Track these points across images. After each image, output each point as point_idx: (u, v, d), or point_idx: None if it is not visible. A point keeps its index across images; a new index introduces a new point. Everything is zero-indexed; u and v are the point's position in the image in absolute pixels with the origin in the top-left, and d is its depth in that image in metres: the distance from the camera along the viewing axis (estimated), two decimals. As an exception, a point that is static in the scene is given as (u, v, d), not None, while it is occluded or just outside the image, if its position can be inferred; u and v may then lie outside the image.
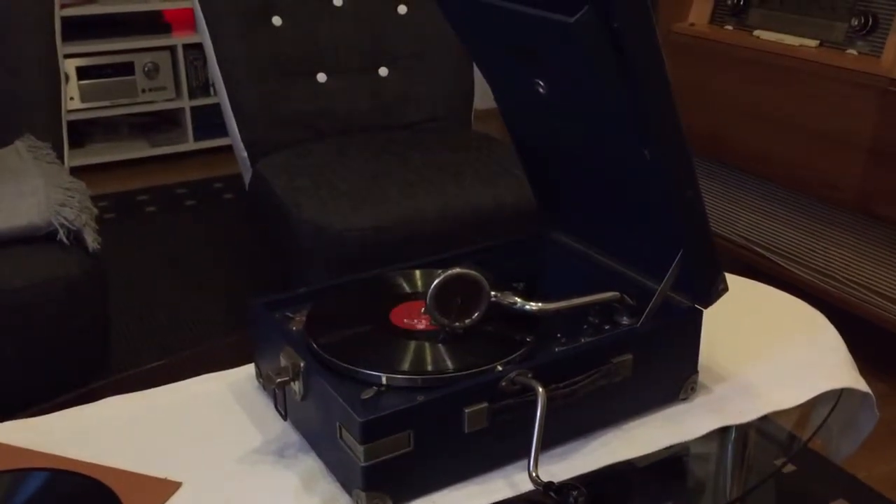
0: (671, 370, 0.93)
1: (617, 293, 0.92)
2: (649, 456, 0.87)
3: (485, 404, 0.80)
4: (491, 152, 1.79)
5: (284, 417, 0.87)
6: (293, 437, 0.89)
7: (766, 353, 1.04)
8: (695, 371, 0.95)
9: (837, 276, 1.96)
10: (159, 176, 3.20)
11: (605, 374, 0.86)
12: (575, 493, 0.71)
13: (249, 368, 1.00)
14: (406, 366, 0.83)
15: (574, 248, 1.07)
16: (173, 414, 0.94)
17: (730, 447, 0.94)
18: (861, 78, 1.74)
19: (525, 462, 0.84)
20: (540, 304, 0.89)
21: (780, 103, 1.94)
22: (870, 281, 1.89)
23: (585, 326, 0.91)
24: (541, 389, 0.79)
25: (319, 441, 0.85)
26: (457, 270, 0.85)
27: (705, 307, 0.93)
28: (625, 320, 0.93)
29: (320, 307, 0.94)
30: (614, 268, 1.01)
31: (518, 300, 0.89)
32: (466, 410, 0.79)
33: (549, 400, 0.80)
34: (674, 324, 0.91)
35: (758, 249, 2.16)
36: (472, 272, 0.86)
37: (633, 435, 0.89)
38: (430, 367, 0.83)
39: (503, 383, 0.81)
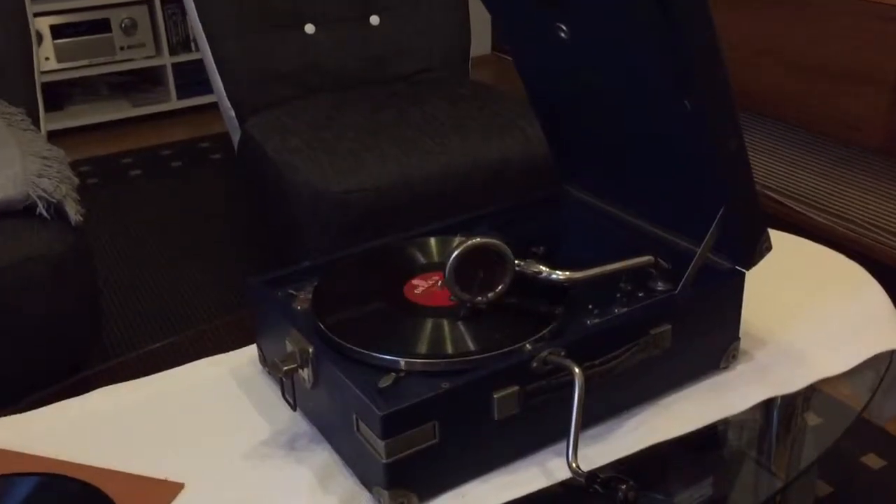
0: (712, 338, 0.86)
1: (651, 257, 0.85)
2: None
3: (515, 388, 0.73)
4: (492, 103, 1.70)
5: (294, 408, 0.80)
6: (304, 426, 0.82)
7: (809, 313, 0.97)
8: (736, 338, 0.88)
9: (857, 220, 1.89)
10: (143, 137, 3.09)
11: (644, 348, 0.79)
12: (624, 487, 0.65)
13: (251, 350, 0.93)
14: (426, 348, 0.76)
15: (597, 207, 1.00)
16: (170, 405, 0.87)
17: (774, 417, 0.87)
18: (887, 11, 1.65)
19: (560, 447, 0.78)
20: (568, 273, 0.82)
21: (797, 41, 1.85)
22: (891, 224, 1.82)
23: (619, 295, 0.84)
24: (577, 370, 0.72)
25: (334, 432, 0.78)
26: (477, 240, 0.78)
27: (748, 268, 0.86)
28: (660, 286, 0.86)
29: (327, 283, 0.87)
30: (644, 228, 0.94)
31: (544, 269, 0.81)
32: (496, 396, 0.72)
33: (585, 380, 0.73)
34: (715, 288, 0.84)
35: (772, 195, 2.08)
36: (495, 241, 0.78)
37: (673, 411, 0.83)
38: (452, 349, 0.75)
39: (534, 364, 0.74)
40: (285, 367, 0.77)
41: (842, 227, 1.92)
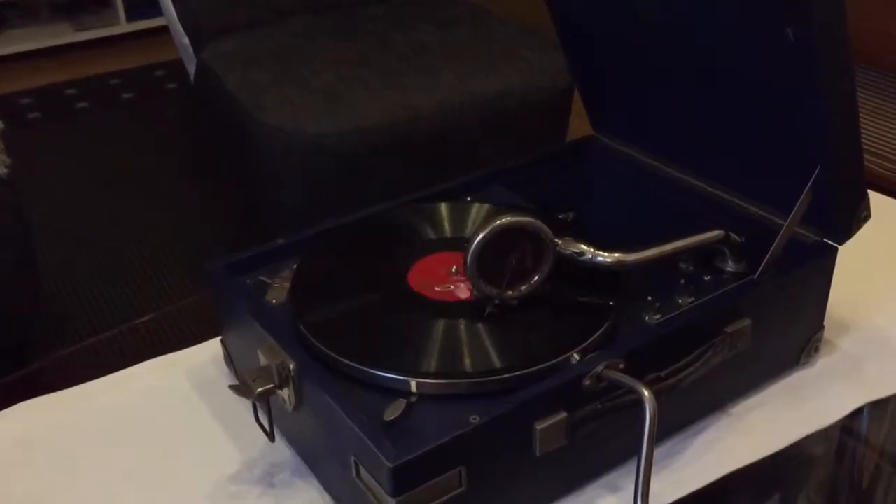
0: (794, 331, 0.70)
1: (721, 231, 0.68)
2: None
3: (563, 415, 0.56)
4: (489, 28, 1.50)
5: (271, 437, 0.63)
6: (284, 454, 0.66)
7: (897, 289, 0.81)
8: (820, 327, 0.72)
9: None
10: (89, 65, 2.84)
11: (719, 351, 0.63)
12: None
13: (215, 345, 0.76)
14: (444, 363, 0.59)
15: (639, 162, 0.82)
16: (110, 425, 0.70)
17: (864, 419, 0.72)
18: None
19: (613, 478, 0.62)
20: (618, 255, 0.64)
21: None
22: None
23: (682, 281, 0.67)
24: (647, 392, 0.55)
25: (323, 466, 0.62)
26: (507, 219, 0.60)
27: (841, 242, 0.69)
28: (729, 267, 0.69)
29: (308, 269, 0.69)
30: (703, 191, 0.77)
31: (586, 249, 0.64)
32: (538, 427, 0.56)
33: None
34: (802, 269, 0.68)
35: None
36: (530, 219, 0.61)
37: (749, 423, 0.67)
38: (479, 365, 0.58)
39: (586, 382, 0.57)
40: (259, 389, 0.59)
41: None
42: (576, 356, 0.59)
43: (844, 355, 0.74)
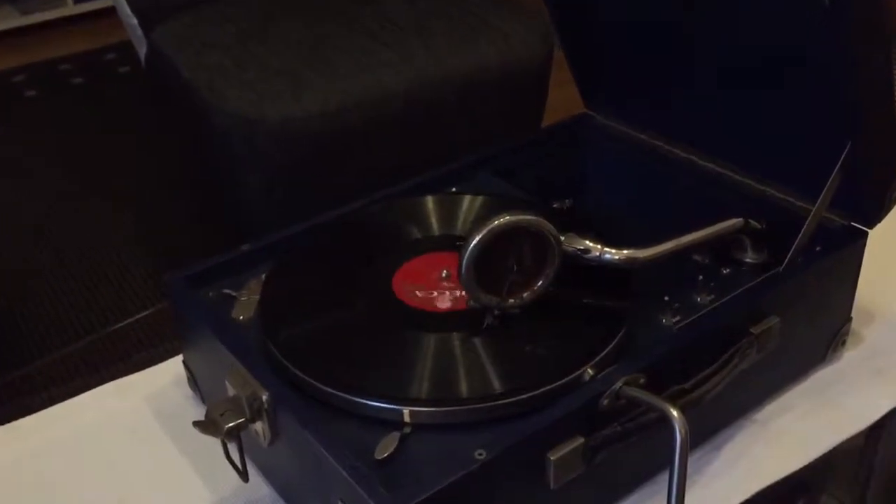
0: (821, 324, 0.64)
1: (740, 219, 0.61)
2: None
3: (579, 441, 0.50)
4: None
5: (244, 477, 0.55)
6: (261, 490, 0.58)
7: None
8: (847, 318, 0.66)
9: None
10: (36, 50, 2.71)
11: (746, 354, 0.56)
12: None
13: (176, 365, 0.68)
14: (441, 387, 0.51)
15: (641, 143, 0.75)
16: (59, 465, 0.62)
17: None
18: None
19: (635, 500, 0.56)
20: (627, 252, 0.57)
21: None
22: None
23: (700, 276, 0.60)
24: (675, 412, 0.48)
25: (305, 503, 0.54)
26: (506, 218, 0.53)
27: (871, 226, 0.63)
28: (748, 257, 0.63)
29: (280, 279, 0.61)
30: (714, 173, 0.70)
31: (593, 246, 0.57)
32: (552, 457, 0.49)
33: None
34: (831, 257, 0.61)
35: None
36: (531, 217, 0.53)
37: (778, 432, 0.61)
38: (480, 388, 0.51)
39: (604, 402, 0.51)
40: (227, 426, 0.52)
41: None
42: (589, 371, 0.52)
43: (872, 347, 0.68)
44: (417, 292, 0.58)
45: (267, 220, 0.62)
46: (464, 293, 0.55)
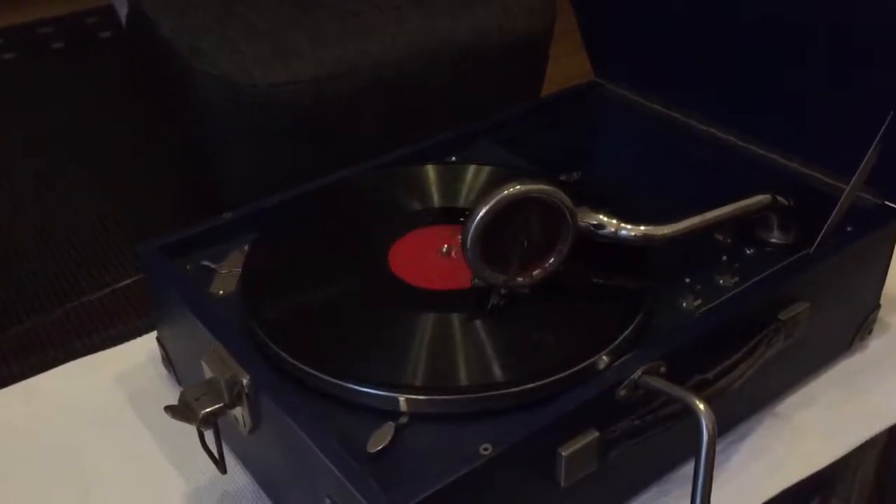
0: (849, 311, 0.60)
1: (768, 195, 0.57)
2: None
3: (594, 435, 0.45)
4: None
5: (222, 468, 0.51)
6: (240, 480, 0.54)
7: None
8: (876, 305, 0.62)
9: None
10: (13, 13, 2.62)
11: (773, 343, 0.52)
12: None
13: (151, 341, 0.63)
14: (441, 373, 0.47)
15: (655, 113, 0.70)
16: (21, 450, 0.56)
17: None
18: None
19: (653, 492, 0.51)
20: (645, 228, 0.53)
21: None
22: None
23: (724, 258, 0.56)
24: (701, 405, 0.44)
25: (288, 498, 0.50)
26: (517, 187, 0.48)
27: (906, 206, 0.58)
28: (774, 237, 0.58)
29: (265, 252, 0.56)
30: (734, 146, 0.65)
31: (608, 221, 0.52)
32: (564, 453, 0.44)
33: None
34: (863, 239, 0.57)
35: None
36: (545, 186, 0.48)
37: (801, 427, 0.57)
38: (485, 375, 0.46)
39: (621, 392, 0.46)
40: (203, 412, 0.47)
41: None
42: (604, 359, 0.47)
43: (898, 336, 0.63)
44: (416, 268, 0.53)
45: (250, 192, 0.58)
46: (468, 270, 0.50)
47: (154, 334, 0.60)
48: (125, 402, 0.60)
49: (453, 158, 0.67)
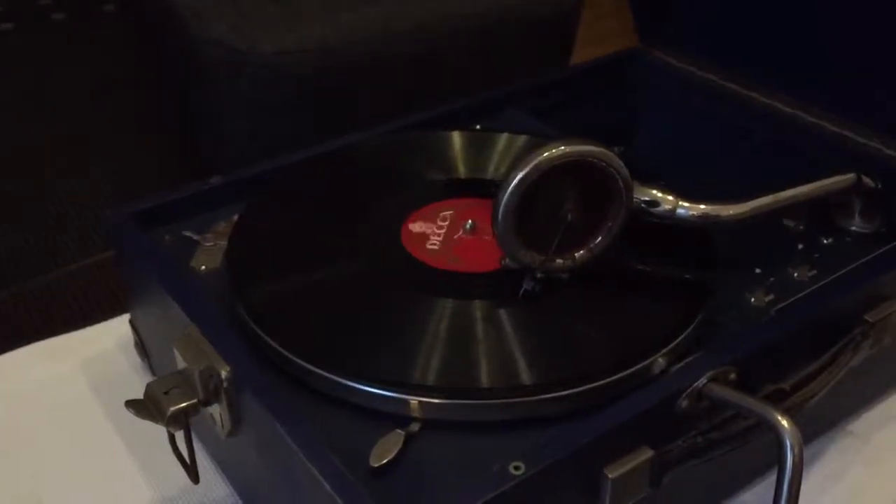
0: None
1: (852, 174, 0.48)
2: None
3: (648, 454, 0.37)
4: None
5: (194, 476, 0.42)
6: (218, 490, 0.46)
7: None
8: (965, 310, 0.53)
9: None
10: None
11: (857, 348, 0.44)
12: None
13: (124, 323, 0.55)
14: (462, 372, 0.38)
15: (708, 83, 0.62)
16: (-31, 445, 0.49)
17: None
18: None
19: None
20: (705, 206, 0.44)
21: None
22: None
23: (800, 246, 0.48)
24: (785, 422, 0.36)
25: (273, 516, 0.42)
26: (562, 148, 0.40)
27: None
28: (855, 225, 0.50)
29: (255, 222, 0.48)
30: (803, 121, 0.57)
31: (664, 197, 0.44)
32: (610, 475, 0.36)
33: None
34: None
35: None
36: (596, 148, 0.40)
37: (880, 448, 0.49)
38: (515, 376, 0.38)
39: (682, 403, 0.38)
40: (172, 409, 0.39)
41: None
42: (661, 362, 0.39)
43: None
44: (433, 246, 0.45)
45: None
46: (496, 250, 0.42)
47: (120, 318, 0.53)
48: (90, 392, 0.52)
49: (478, 126, 0.59)
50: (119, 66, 2.08)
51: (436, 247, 0.45)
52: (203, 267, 0.47)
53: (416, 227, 0.47)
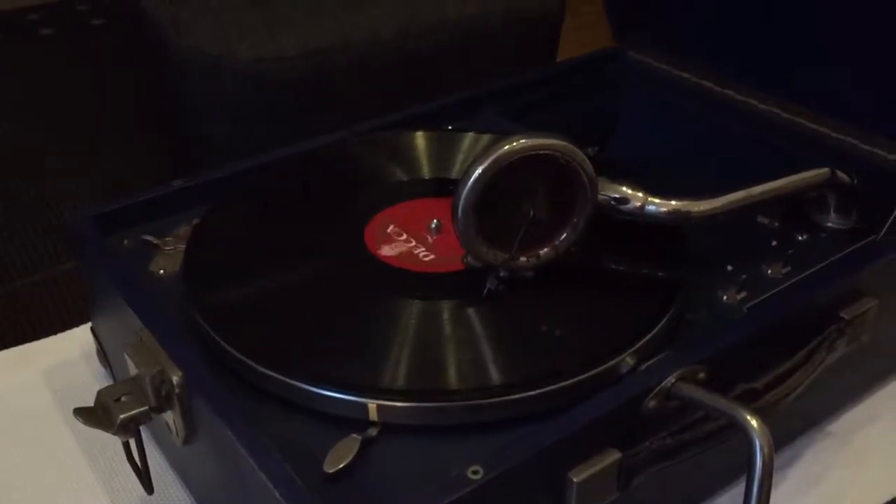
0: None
1: (826, 169, 0.47)
2: None
3: (614, 456, 0.36)
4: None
5: (148, 486, 0.41)
6: (178, 499, 0.44)
7: None
8: (946, 307, 0.52)
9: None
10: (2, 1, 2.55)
11: (832, 347, 0.43)
12: None
13: (86, 332, 0.53)
14: (422, 374, 0.37)
15: (685, 82, 0.61)
16: (-77, 458, 0.47)
17: None
18: None
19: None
20: (676, 203, 0.43)
21: None
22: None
23: (774, 243, 0.47)
24: (754, 422, 0.34)
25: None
26: (522, 142, 0.38)
27: None
28: (831, 221, 0.49)
29: (215, 226, 0.47)
30: (777, 118, 0.56)
31: (633, 194, 0.43)
32: (575, 479, 0.35)
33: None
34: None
35: None
36: (558, 141, 0.39)
37: (860, 450, 0.48)
38: (477, 377, 0.37)
39: (650, 404, 0.37)
40: (122, 416, 0.38)
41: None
42: (629, 361, 0.38)
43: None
44: (397, 247, 0.44)
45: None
46: (459, 248, 0.41)
47: (83, 327, 0.51)
48: (51, 402, 0.51)
49: (449, 127, 0.58)
50: (109, 75, 2.08)
51: (400, 247, 0.44)
52: (162, 271, 0.46)
53: (380, 228, 0.46)
